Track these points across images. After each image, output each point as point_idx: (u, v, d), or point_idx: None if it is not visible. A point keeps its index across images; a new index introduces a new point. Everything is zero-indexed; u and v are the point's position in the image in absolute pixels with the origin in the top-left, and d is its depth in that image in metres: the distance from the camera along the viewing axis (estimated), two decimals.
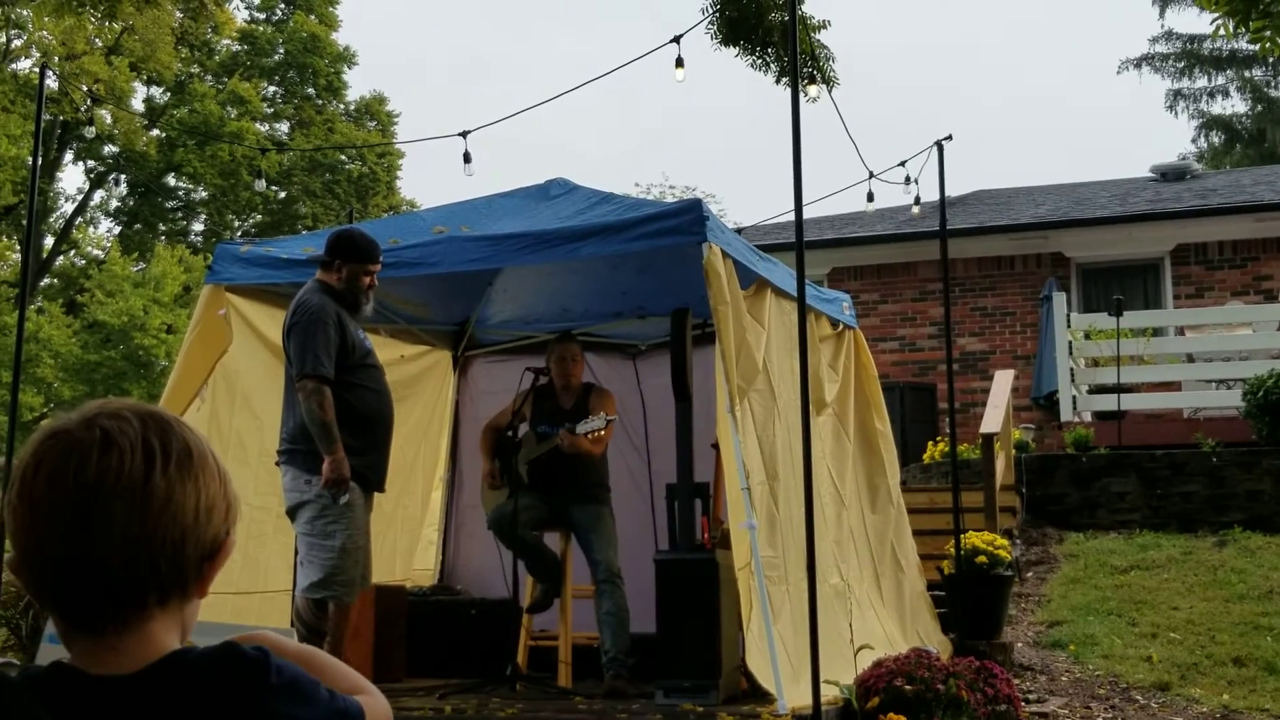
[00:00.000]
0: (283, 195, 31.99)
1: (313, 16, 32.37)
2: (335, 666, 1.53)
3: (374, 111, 33.22)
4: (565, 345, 7.29)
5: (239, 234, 31.85)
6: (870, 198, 9.61)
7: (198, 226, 33.10)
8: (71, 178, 56.93)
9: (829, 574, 6.76)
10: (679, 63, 7.28)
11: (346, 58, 33.02)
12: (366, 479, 6.01)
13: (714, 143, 62.85)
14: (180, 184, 32.20)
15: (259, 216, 32.24)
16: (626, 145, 65.52)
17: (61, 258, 31.08)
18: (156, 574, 1.37)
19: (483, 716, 5.78)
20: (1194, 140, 33.04)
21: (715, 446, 6.73)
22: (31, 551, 1.37)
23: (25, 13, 24.42)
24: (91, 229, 32.27)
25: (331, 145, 30.46)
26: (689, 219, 6.07)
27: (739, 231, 8.84)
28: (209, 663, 1.38)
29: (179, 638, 1.42)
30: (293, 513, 5.99)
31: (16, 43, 27.30)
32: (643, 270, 7.64)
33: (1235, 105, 32.29)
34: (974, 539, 8.37)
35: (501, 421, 7.32)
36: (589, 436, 6.85)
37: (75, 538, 1.34)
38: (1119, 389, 12.52)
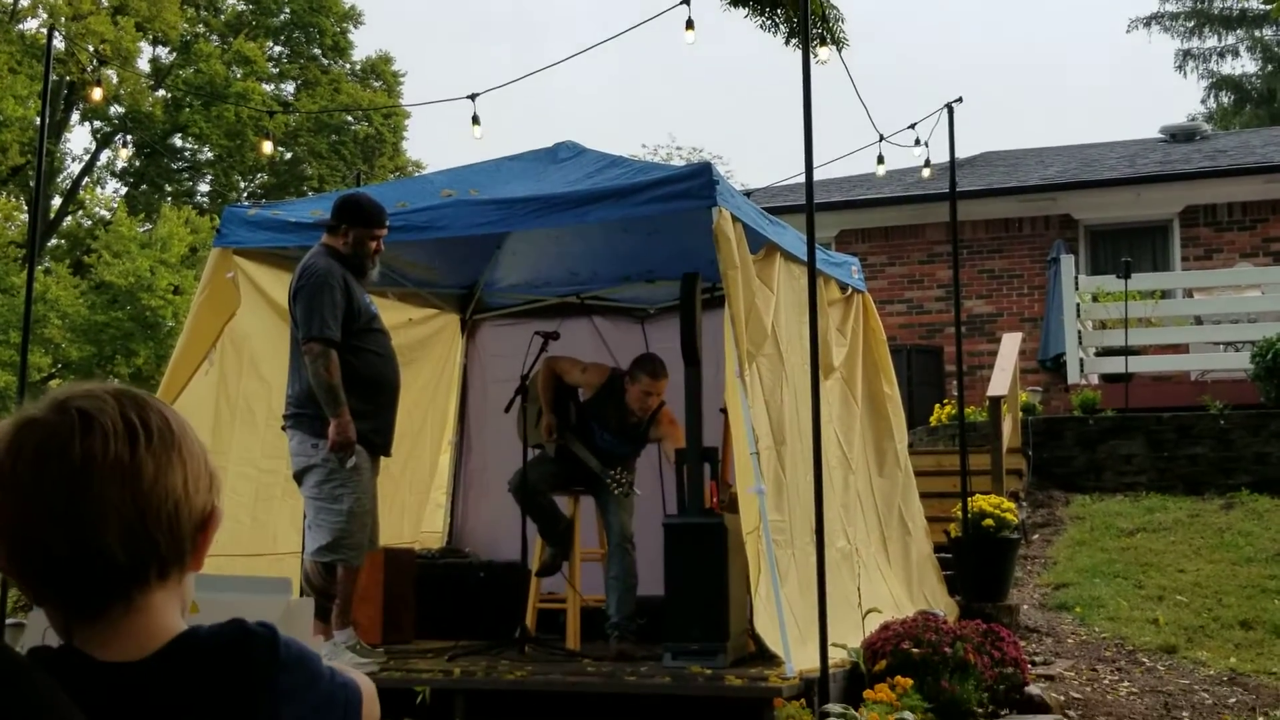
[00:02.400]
0: (289, 156, 31.87)
1: None
2: None
3: (380, 71, 33.05)
4: (657, 382, 6.92)
5: (245, 195, 31.79)
6: (880, 160, 9.54)
7: (204, 187, 33.02)
8: (78, 138, 56.89)
9: (836, 538, 6.76)
10: (689, 24, 7.20)
11: (352, 17, 32.82)
12: (373, 443, 6.01)
13: (721, 103, 62.56)
14: (186, 145, 32.10)
15: (265, 177, 32.15)
16: (634, 105, 65.23)
17: (69, 218, 31.02)
18: (156, 550, 1.36)
19: (491, 679, 5.80)
20: (1203, 101, 32.86)
21: (724, 411, 6.72)
22: (23, 544, 1.33)
23: None
24: (98, 189, 32.22)
25: (339, 107, 30.33)
26: (699, 183, 6.03)
27: (748, 194, 8.78)
28: (220, 642, 1.37)
29: (180, 612, 1.41)
30: (300, 476, 6.00)
31: (24, 3, 27.17)
32: (652, 234, 7.60)
33: (1245, 65, 32.09)
34: (981, 502, 8.36)
35: (570, 377, 7.21)
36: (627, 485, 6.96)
37: (70, 523, 1.32)
38: (1126, 351, 12.49)
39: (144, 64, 30.84)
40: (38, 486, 1.33)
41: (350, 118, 31.64)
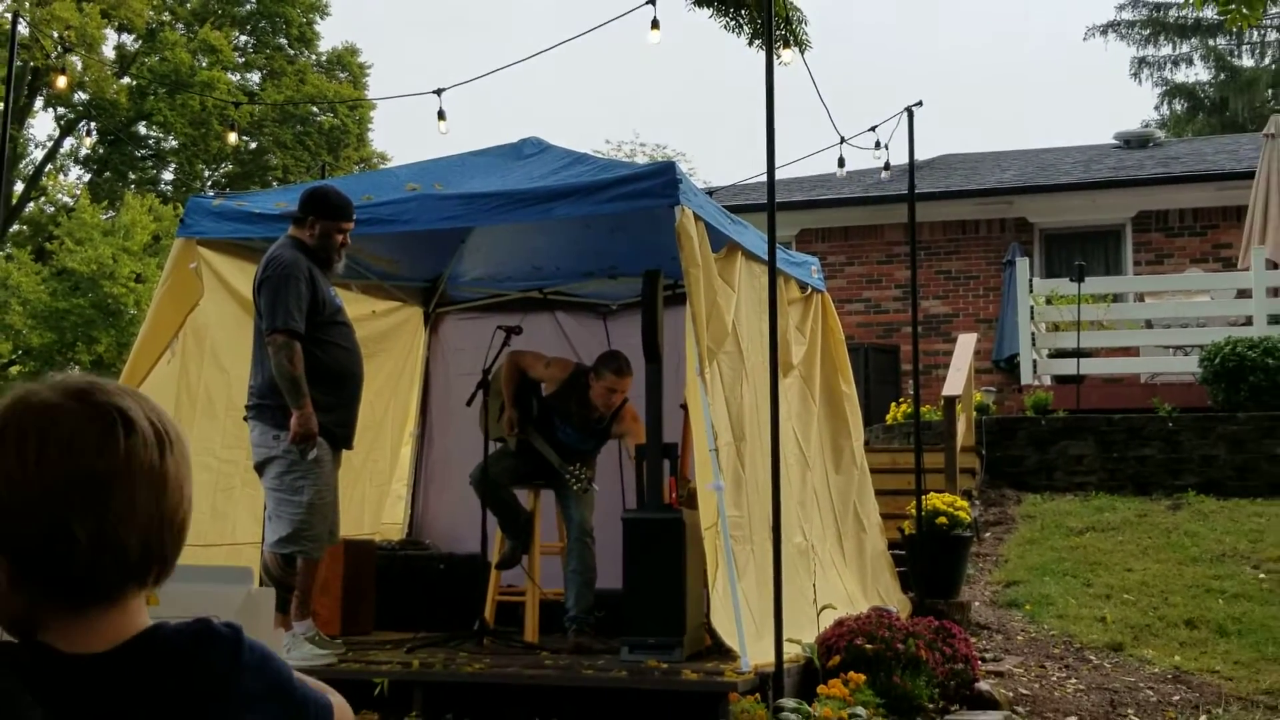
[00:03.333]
0: (254, 146, 31.64)
1: None
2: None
3: (345, 63, 32.86)
4: (622, 379, 6.90)
5: (209, 184, 31.54)
6: (841, 163, 9.58)
7: (168, 176, 32.72)
8: (42, 125, 56.35)
9: (793, 534, 6.78)
10: (654, 24, 7.19)
11: (319, 7, 32.59)
12: (335, 435, 5.98)
13: (685, 102, 62.59)
14: (151, 133, 31.80)
15: (229, 167, 31.89)
16: (598, 101, 65.13)
17: (31, 205, 30.67)
18: (163, 552, 1.37)
19: (450, 670, 5.78)
20: (1157, 108, 33.11)
21: (684, 407, 6.72)
22: (38, 524, 1.31)
23: None
24: (62, 176, 31.87)
25: (305, 99, 30.12)
26: (662, 181, 6.02)
27: (710, 193, 8.80)
28: (183, 640, 1.36)
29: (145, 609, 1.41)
30: (260, 468, 5.96)
31: None
32: (615, 231, 7.60)
33: (1199, 73, 32.36)
34: (935, 500, 8.41)
35: (533, 371, 7.20)
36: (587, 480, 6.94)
37: (100, 516, 1.31)
38: (1079, 353, 12.59)
39: (109, 51, 30.54)
40: (73, 474, 1.31)
41: (316, 109, 31.43)
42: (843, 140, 9.04)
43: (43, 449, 1.32)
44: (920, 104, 8.24)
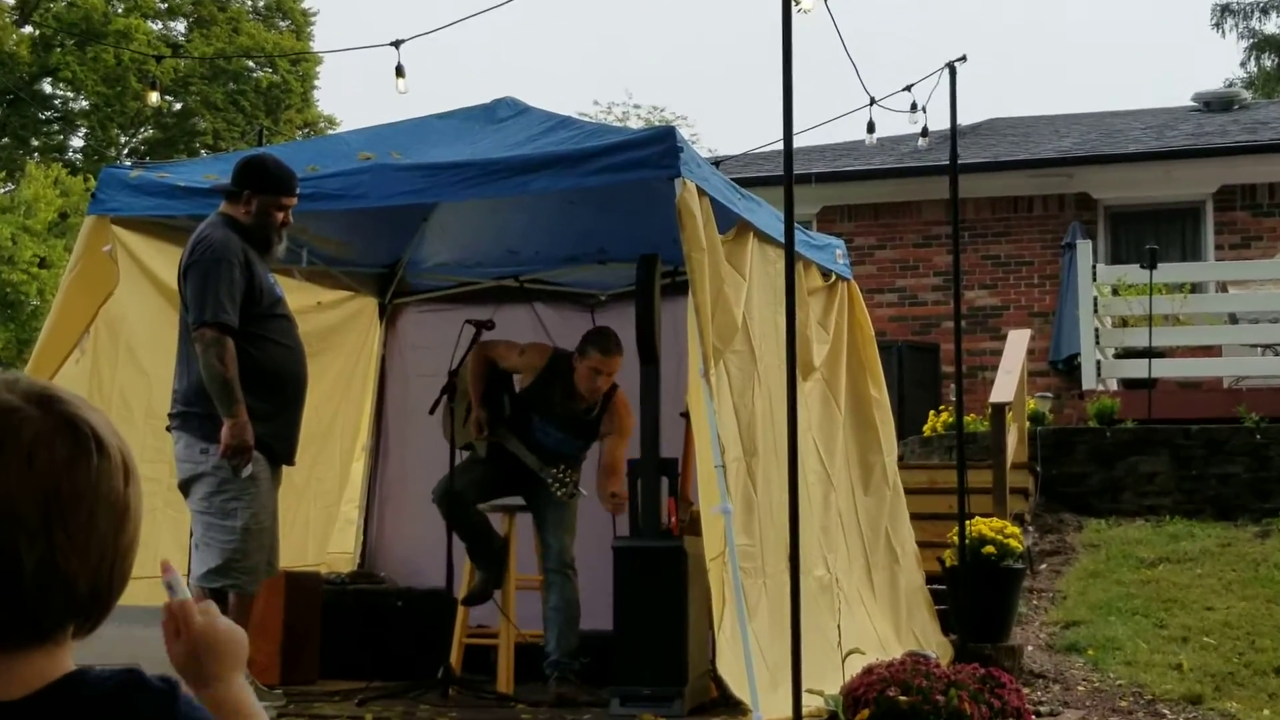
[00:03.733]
0: (179, 107, 31.65)
1: None
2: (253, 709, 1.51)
3: (287, 9, 32.92)
4: (609, 359, 6.95)
5: (126, 153, 31.53)
6: (871, 128, 9.60)
7: (77, 142, 32.77)
8: None
9: (814, 566, 6.79)
10: None
11: None
12: (273, 449, 5.98)
13: (686, 56, 62.65)
14: (57, 91, 31.80)
15: (150, 132, 31.91)
16: (584, 56, 65.23)
17: None
18: (110, 591, 1.38)
19: None
20: (1243, 64, 33.20)
21: (685, 416, 6.73)
22: None
23: None
24: None
25: (240, 51, 30.12)
26: (659, 150, 6.03)
27: (717, 164, 8.81)
28: (107, 690, 1.36)
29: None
30: (186, 486, 5.96)
31: None
32: (604, 208, 7.61)
33: None
34: (981, 526, 8.41)
35: (506, 361, 7.25)
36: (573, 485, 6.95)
37: (53, 543, 1.32)
38: (1150, 353, 12.59)
39: None
40: (33, 490, 1.32)
41: (252, 63, 31.44)
42: (873, 102, 9.06)
43: None
44: (964, 58, 8.25)
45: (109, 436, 1.37)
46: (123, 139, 32.05)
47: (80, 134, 32.62)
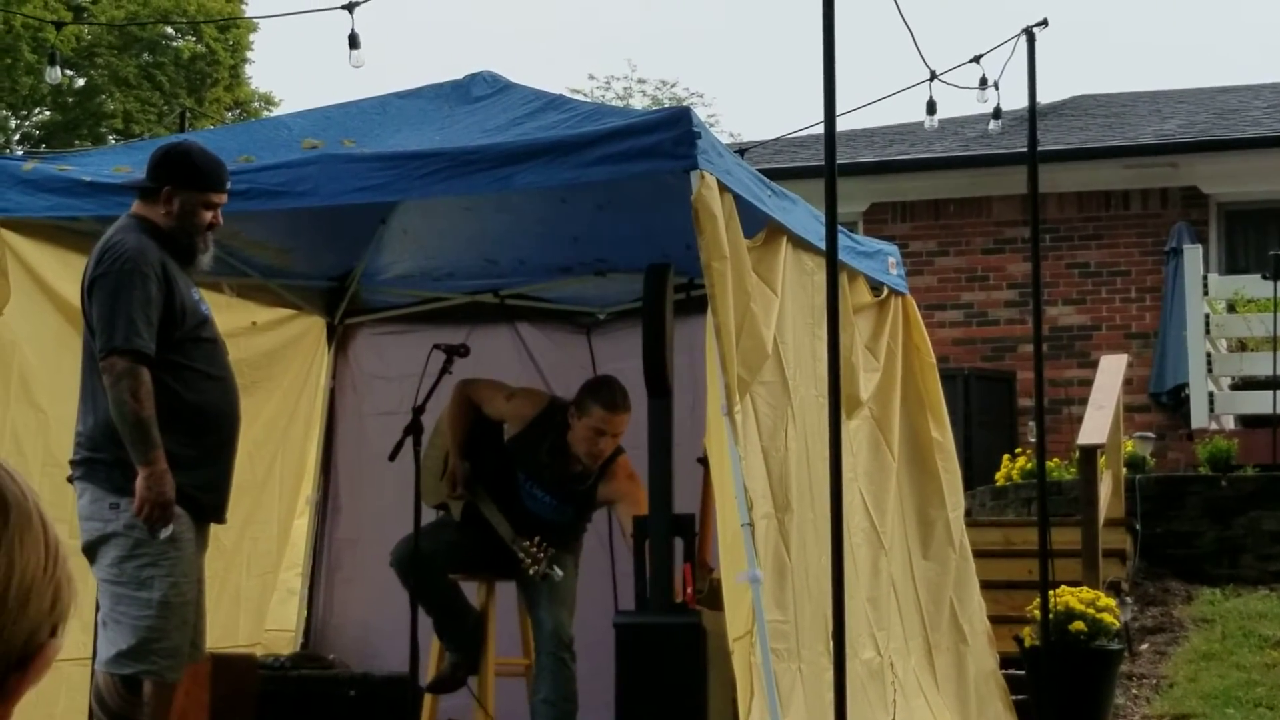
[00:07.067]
0: (81, 84, 31.75)
1: None
2: None
3: None
4: (615, 416, 7.02)
5: (18, 141, 31.63)
6: (931, 109, 9.62)
7: None
8: None
9: (862, 647, 6.79)
10: None
11: None
12: (200, 504, 5.98)
13: (701, 22, 62.85)
14: None
15: (47, 114, 32.01)
16: (578, 23, 65.43)
17: None
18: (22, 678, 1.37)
19: None
20: None
21: (703, 462, 6.73)
22: None
23: None
24: None
25: (156, 16, 30.25)
26: (672, 135, 6.03)
27: (741, 152, 8.83)
28: None
29: None
30: (92, 550, 5.95)
31: None
32: (603, 207, 7.63)
33: None
34: (1068, 596, 8.41)
35: (491, 406, 7.31)
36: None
37: None
38: (1275, 383, 12.59)
39: None
40: None
41: (171, 30, 31.55)
42: (933, 76, 9.09)
43: None
44: (1045, 23, 8.28)
45: (30, 499, 1.35)
46: (13, 122, 32.16)
47: None
